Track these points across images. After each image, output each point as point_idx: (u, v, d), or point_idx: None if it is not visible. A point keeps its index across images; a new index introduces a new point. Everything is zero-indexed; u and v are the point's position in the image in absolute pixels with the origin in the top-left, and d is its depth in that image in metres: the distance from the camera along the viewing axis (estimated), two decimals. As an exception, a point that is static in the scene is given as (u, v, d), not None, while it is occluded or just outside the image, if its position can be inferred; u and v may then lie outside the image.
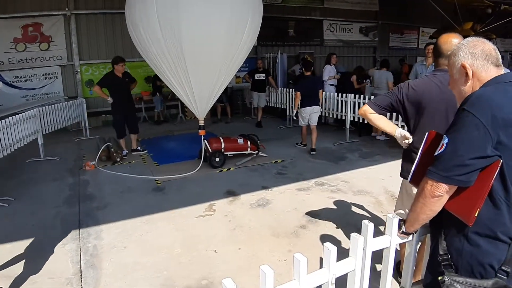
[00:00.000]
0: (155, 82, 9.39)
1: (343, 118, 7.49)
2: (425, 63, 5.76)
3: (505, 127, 1.21)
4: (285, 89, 9.26)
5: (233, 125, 9.56)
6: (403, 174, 2.45)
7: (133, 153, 6.64)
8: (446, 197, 1.32)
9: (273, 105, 9.89)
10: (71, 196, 4.71)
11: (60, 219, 4.05)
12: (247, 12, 4.77)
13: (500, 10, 10.91)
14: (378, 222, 3.66)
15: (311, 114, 6.74)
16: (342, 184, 4.98)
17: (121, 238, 3.59)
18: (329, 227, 3.73)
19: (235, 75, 11.28)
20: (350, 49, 13.86)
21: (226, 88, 8.18)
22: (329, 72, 8.93)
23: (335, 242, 3.37)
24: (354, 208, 4.22)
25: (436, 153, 1.33)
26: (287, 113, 9.13)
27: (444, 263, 1.39)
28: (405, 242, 1.82)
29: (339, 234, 3.57)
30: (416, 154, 2.33)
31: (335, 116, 7.82)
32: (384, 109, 2.39)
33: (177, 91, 5.30)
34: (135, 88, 6.88)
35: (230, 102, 10.66)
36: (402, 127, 2.47)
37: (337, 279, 1.51)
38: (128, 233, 3.69)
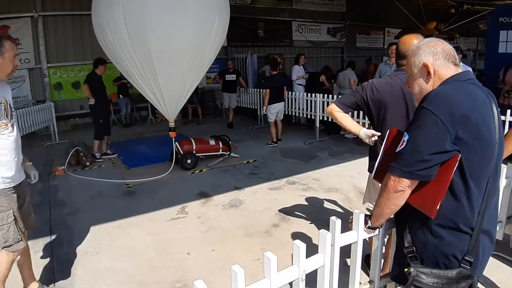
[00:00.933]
0: (114, 83, 9.28)
1: (313, 117, 7.67)
2: (388, 62, 5.95)
3: (463, 123, 1.26)
4: (255, 89, 9.34)
5: (204, 126, 9.54)
6: (370, 169, 2.55)
7: (103, 156, 6.49)
8: (408, 192, 1.37)
9: (244, 106, 9.94)
10: (42, 203, 4.56)
11: (31, 226, 3.93)
12: (213, 13, 4.78)
13: (463, 10, 11.46)
14: (348, 218, 3.77)
15: (279, 110, 7.30)
16: (313, 182, 5.09)
17: (93, 243, 3.52)
18: (301, 225, 3.81)
19: (206, 75, 11.29)
20: (318, 49, 14.12)
21: (197, 89, 8.22)
22: (298, 72, 9.10)
23: (307, 238, 3.45)
24: (325, 205, 4.34)
25: (397, 150, 1.38)
26: (258, 113, 9.22)
27: (410, 255, 1.44)
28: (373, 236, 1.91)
29: (311, 230, 3.66)
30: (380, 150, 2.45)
31: (305, 116, 7.99)
32: (349, 108, 2.48)
33: (146, 94, 5.24)
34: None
35: (201, 103, 10.63)
36: (369, 125, 2.57)
37: (308, 275, 1.56)
38: (100, 238, 3.63)
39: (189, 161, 5.74)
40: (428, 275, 1.37)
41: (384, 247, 2.32)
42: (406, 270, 1.40)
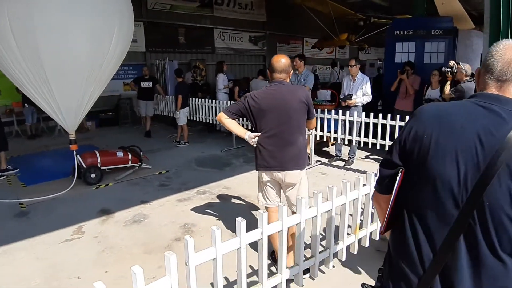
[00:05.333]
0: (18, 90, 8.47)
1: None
2: (296, 73, 6.28)
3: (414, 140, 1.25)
4: (174, 97, 9.14)
5: (121, 136, 9.06)
6: (257, 167, 2.92)
7: (4, 173, 5.83)
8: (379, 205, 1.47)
9: (163, 114, 9.67)
10: None
11: None
12: (113, 19, 4.55)
13: (371, 22, 12.48)
14: (253, 222, 3.80)
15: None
16: (224, 190, 5.08)
17: (-29, 275, 3.12)
18: (205, 236, 3.75)
19: (123, 82, 10.80)
20: (241, 57, 14.31)
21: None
22: (224, 81, 9.13)
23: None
24: (231, 213, 4.31)
25: None
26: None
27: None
28: (275, 233, 2.34)
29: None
30: (262, 148, 2.80)
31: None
32: (235, 115, 2.86)
33: (41, 104, 4.79)
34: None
35: (118, 110, 10.17)
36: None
37: None
38: (-20, 268, 3.22)
39: (93, 175, 5.36)
40: None
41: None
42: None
